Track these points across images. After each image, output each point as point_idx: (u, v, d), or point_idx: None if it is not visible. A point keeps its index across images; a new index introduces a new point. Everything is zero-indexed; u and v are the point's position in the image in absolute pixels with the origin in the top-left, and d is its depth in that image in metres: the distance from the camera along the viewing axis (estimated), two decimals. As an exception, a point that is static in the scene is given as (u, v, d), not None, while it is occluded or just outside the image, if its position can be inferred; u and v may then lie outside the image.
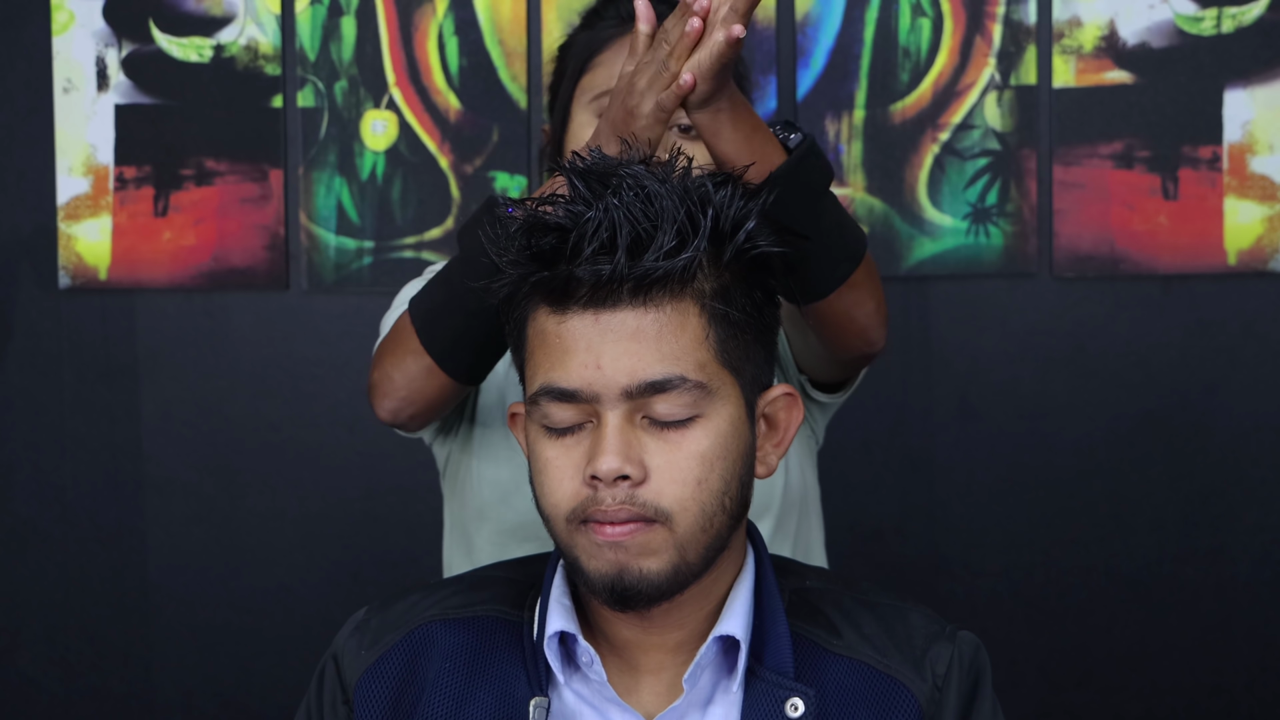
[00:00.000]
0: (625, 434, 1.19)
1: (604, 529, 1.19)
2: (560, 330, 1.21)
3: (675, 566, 1.21)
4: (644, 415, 1.20)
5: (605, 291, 1.19)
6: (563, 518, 1.22)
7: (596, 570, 1.21)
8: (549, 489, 1.22)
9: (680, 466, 1.20)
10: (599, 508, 1.19)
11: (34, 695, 2.78)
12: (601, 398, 1.19)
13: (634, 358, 1.19)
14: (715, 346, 1.22)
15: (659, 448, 1.20)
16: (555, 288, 1.20)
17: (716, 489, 1.21)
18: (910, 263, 2.63)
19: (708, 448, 1.21)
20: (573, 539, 1.22)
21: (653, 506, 1.19)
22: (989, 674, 1.31)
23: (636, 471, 1.19)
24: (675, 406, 1.20)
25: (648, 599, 1.21)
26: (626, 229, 1.18)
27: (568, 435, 1.22)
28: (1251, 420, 2.62)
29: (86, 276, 2.72)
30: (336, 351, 2.71)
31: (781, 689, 1.24)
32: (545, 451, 1.23)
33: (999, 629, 2.62)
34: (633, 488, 1.19)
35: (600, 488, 1.19)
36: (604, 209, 1.19)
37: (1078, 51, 2.60)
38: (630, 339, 1.19)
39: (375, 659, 1.30)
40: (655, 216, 1.18)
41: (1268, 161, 2.57)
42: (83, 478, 2.75)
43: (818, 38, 2.63)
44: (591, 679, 1.27)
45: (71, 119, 2.70)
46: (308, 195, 2.69)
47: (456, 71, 2.67)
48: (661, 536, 1.20)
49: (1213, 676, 2.64)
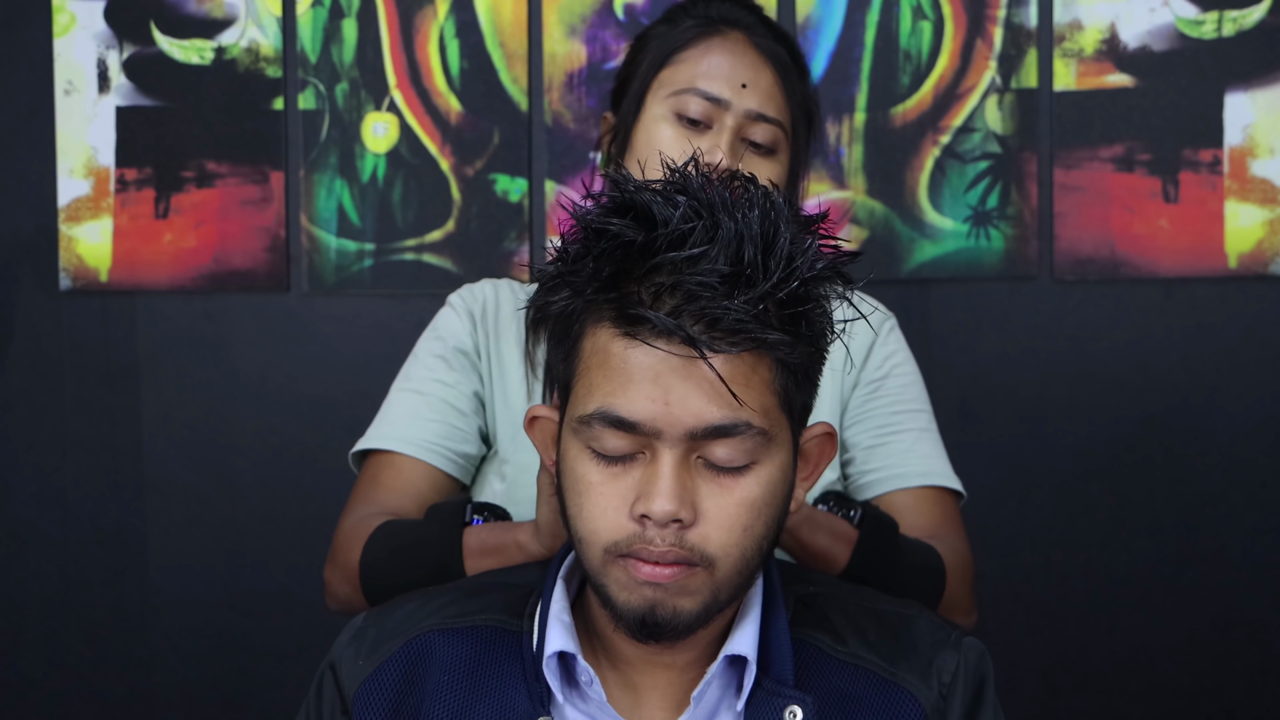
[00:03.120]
0: (681, 477, 1.16)
1: (645, 567, 1.17)
2: (627, 355, 1.16)
3: (707, 606, 1.19)
4: (700, 456, 1.17)
5: None
6: (601, 546, 1.19)
7: (628, 603, 1.18)
8: (589, 515, 1.19)
9: (730, 514, 1.17)
10: (646, 546, 1.16)
11: (34, 696, 2.78)
12: (664, 435, 1.16)
13: (703, 399, 1.15)
14: (779, 390, 1.19)
15: (711, 491, 1.17)
16: (630, 312, 1.15)
17: (759, 535, 1.20)
18: (911, 266, 2.63)
19: (759, 495, 1.18)
20: (607, 569, 1.19)
21: (699, 551, 1.17)
22: (992, 679, 1.31)
23: (689, 516, 1.16)
24: (735, 453, 1.17)
25: (675, 634, 1.20)
26: (722, 263, 1.12)
27: (616, 464, 1.18)
28: (1251, 423, 2.62)
29: (87, 278, 2.72)
30: (337, 354, 2.70)
31: (780, 697, 1.23)
32: (590, 475, 1.19)
33: (999, 632, 2.62)
34: (682, 530, 1.16)
35: (650, 526, 1.16)
36: (714, 231, 1.13)
37: (1079, 55, 2.60)
38: (702, 379, 1.14)
39: (374, 669, 1.29)
40: (752, 258, 1.13)
41: (1268, 165, 2.57)
42: (83, 479, 2.75)
43: (819, 41, 2.63)
44: (592, 698, 1.26)
45: (72, 121, 2.70)
46: (308, 197, 2.69)
47: (457, 74, 2.67)
48: (701, 579, 1.18)
49: (1213, 679, 2.64)
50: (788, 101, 1.69)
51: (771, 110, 1.67)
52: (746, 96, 1.66)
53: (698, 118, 1.66)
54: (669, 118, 1.66)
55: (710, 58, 1.67)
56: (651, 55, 1.72)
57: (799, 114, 1.71)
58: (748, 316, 1.13)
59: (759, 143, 1.67)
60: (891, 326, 1.79)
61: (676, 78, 1.68)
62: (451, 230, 2.68)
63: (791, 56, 1.73)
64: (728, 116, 1.65)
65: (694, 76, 1.66)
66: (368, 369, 2.55)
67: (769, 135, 1.67)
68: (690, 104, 1.65)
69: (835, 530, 1.51)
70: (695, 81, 1.66)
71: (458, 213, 2.68)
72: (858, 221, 2.63)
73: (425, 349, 1.74)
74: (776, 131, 1.68)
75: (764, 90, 1.67)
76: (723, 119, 1.65)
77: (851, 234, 2.63)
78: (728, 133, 1.65)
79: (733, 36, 1.70)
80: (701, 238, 1.14)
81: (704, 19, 1.72)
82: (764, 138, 1.67)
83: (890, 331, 1.78)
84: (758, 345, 1.15)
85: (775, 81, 1.68)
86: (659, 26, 1.75)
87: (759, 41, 1.70)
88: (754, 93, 1.66)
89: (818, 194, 2.62)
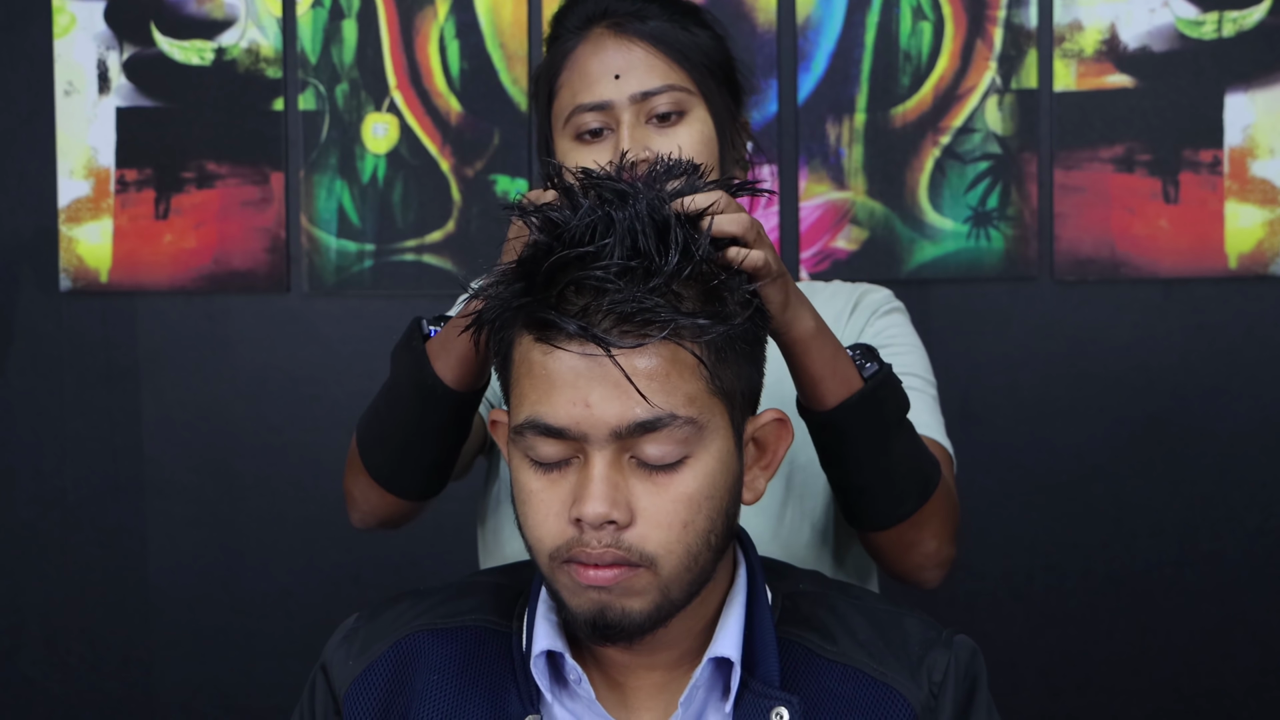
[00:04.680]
0: (612, 478, 1.16)
1: (586, 571, 1.16)
2: (547, 362, 1.16)
3: (658, 605, 1.18)
4: (632, 456, 1.17)
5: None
6: (546, 553, 1.19)
7: (578, 607, 1.18)
8: (532, 523, 1.19)
9: (666, 510, 1.17)
10: (584, 549, 1.16)
11: (34, 696, 2.78)
12: (590, 437, 1.16)
13: (624, 397, 1.14)
14: (706, 375, 1.17)
15: (645, 490, 1.17)
16: (540, 318, 1.16)
17: (702, 529, 1.19)
18: (911, 266, 2.63)
19: (695, 490, 1.18)
20: (555, 575, 1.19)
21: (638, 551, 1.16)
22: (985, 678, 1.30)
23: (623, 516, 1.16)
24: (665, 448, 1.16)
25: (629, 635, 1.19)
26: (619, 256, 1.13)
27: (553, 470, 1.18)
28: (1252, 424, 2.61)
29: (87, 279, 2.72)
30: (337, 354, 2.71)
31: (766, 698, 1.23)
32: (530, 483, 1.19)
33: (999, 632, 2.62)
34: (618, 531, 1.16)
35: (585, 529, 1.16)
36: (596, 225, 1.14)
37: (1079, 55, 2.59)
38: (621, 377, 1.14)
39: (363, 668, 1.29)
40: (646, 247, 1.14)
41: (1268, 165, 2.57)
42: (83, 480, 2.76)
43: (819, 41, 2.63)
44: (581, 696, 1.25)
45: (73, 122, 2.71)
46: (309, 198, 2.69)
47: (457, 74, 2.67)
48: (645, 579, 1.17)
49: (1213, 680, 2.64)
50: (676, 63, 1.61)
51: (656, 81, 1.60)
52: (625, 84, 1.60)
53: (597, 128, 1.60)
54: (574, 146, 1.61)
55: (581, 68, 1.62)
56: (542, 94, 1.68)
57: (696, 66, 1.63)
58: (655, 304, 1.13)
59: (661, 114, 1.60)
60: (898, 308, 1.74)
61: (563, 105, 1.63)
62: (452, 231, 2.68)
63: (667, 14, 1.64)
64: (620, 112, 1.59)
65: (574, 95, 1.61)
66: (368, 370, 2.55)
67: (668, 102, 1.60)
68: (583, 121, 1.60)
69: (838, 369, 1.39)
70: (576, 99, 1.61)
71: (458, 213, 2.68)
72: (858, 222, 2.63)
73: None
74: (674, 96, 1.60)
75: (640, 67, 1.60)
76: (617, 116, 1.60)
77: (851, 235, 2.63)
78: (625, 128, 1.59)
79: (595, 35, 1.63)
80: (600, 234, 1.14)
81: (568, 32, 1.66)
82: (664, 106, 1.60)
83: (892, 311, 1.72)
84: (672, 332, 1.15)
85: (649, 52, 1.61)
86: (542, 63, 1.71)
87: (621, 24, 1.63)
88: (631, 76, 1.60)
89: (818, 194, 2.62)
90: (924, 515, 1.48)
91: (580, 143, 1.61)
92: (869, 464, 1.44)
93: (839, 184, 2.63)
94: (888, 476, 1.44)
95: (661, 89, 1.60)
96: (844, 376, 1.39)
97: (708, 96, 1.63)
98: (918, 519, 1.48)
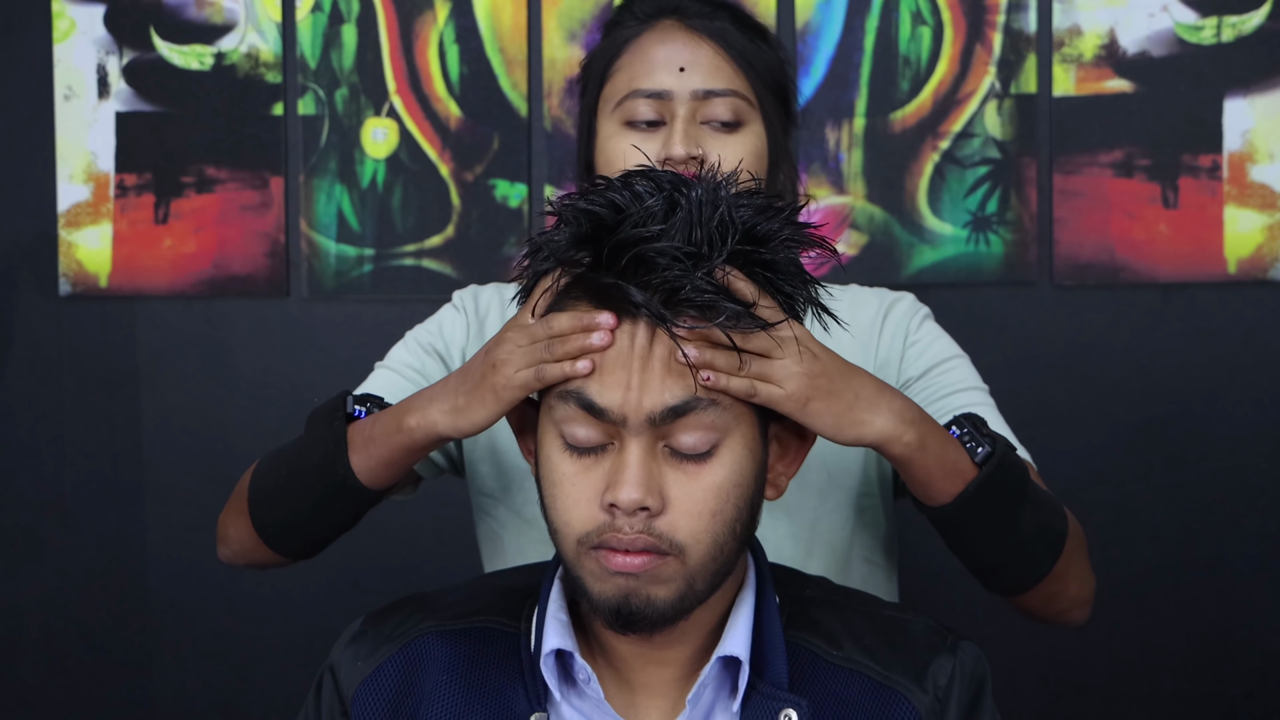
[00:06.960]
0: (647, 464, 1.18)
1: (615, 557, 1.18)
2: None
3: (682, 595, 1.20)
4: (665, 445, 1.19)
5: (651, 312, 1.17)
6: (574, 538, 1.21)
7: (603, 594, 1.20)
8: (562, 507, 1.21)
9: (697, 499, 1.19)
10: (615, 534, 1.18)
11: (34, 701, 2.78)
12: (629, 422, 1.18)
13: (660, 382, 1.18)
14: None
15: (677, 478, 1.19)
16: (602, 293, 1.19)
17: (730, 518, 1.21)
18: (910, 271, 2.63)
19: (724, 479, 1.20)
20: (581, 561, 1.21)
21: (668, 539, 1.18)
22: (989, 684, 1.31)
23: (656, 503, 1.18)
24: (697, 435, 1.19)
25: (652, 624, 1.20)
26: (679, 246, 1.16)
27: (587, 455, 1.20)
28: (1251, 428, 2.62)
29: (87, 284, 2.72)
30: (336, 359, 2.71)
31: (775, 700, 1.24)
32: (563, 466, 1.21)
33: (999, 637, 2.62)
34: (650, 518, 1.18)
35: (618, 515, 1.18)
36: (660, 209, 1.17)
37: (1078, 60, 2.60)
38: (659, 362, 1.18)
39: (372, 670, 1.30)
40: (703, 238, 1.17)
41: (1268, 170, 2.57)
42: (83, 484, 2.75)
43: (818, 46, 2.64)
44: (589, 696, 1.26)
45: (72, 126, 2.70)
46: (308, 203, 2.69)
47: (457, 79, 2.68)
48: (673, 568, 1.19)
49: (1213, 684, 2.64)
50: (741, 70, 1.60)
51: (720, 83, 1.58)
52: (688, 78, 1.57)
53: (649, 118, 1.58)
54: (620, 131, 1.59)
55: (644, 54, 1.59)
56: (593, 74, 1.65)
57: (759, 80, 1.61)
58: (708, 289, 1.16)
59: (722, 119, 1.58)
60: (927, 314, 1.72)
61: (617, 88, 1.60)
62: (451, 235, 2.68)
63: (738, 24, 1.63)
64: (676, 105, 1.57)
65: (632, 79, 1.59)
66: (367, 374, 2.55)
67: (728, 108, 1.58)
68: (636, 108, 1.58)
69: (945, 461, 1.31)
70: (634, 83, 1.58)
71: (457, 218, 2.68)
72: (857, 227, 2.63)
73: (413, 336, 1.73)
74: (735, 103, 1.59)
75: (706, 65, 1.58)
76: (672, 110, 1.57)
77: (851, 239, 2.63)
78: (680, 122, 1.57)
79: (662, 26, 1.61)
80: (660, 217, 1.18)
81: (634, 19, 1.64)
82: (724, 112, 1.58)
83: (925, 320, 1.70)
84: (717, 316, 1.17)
85: (717, 53, 1.59)
86: (598, 45, 1.68)
87: (692, 21, 1.61)
88: (695, 72, 1.58)
89: (818, 199, 2.62)
90: (1060, 568, 1.45)
91: (629, 129, 1.59)
92: (996, 545, 1.39)
93: (838, 188, 2.63)
94: (1019, 549, 1.40)
95: (724, 91, 1.59)
96: (953, 467, 1.32)
97: (765, 112, 1.62)
98: (1055, 572, 1.45)
